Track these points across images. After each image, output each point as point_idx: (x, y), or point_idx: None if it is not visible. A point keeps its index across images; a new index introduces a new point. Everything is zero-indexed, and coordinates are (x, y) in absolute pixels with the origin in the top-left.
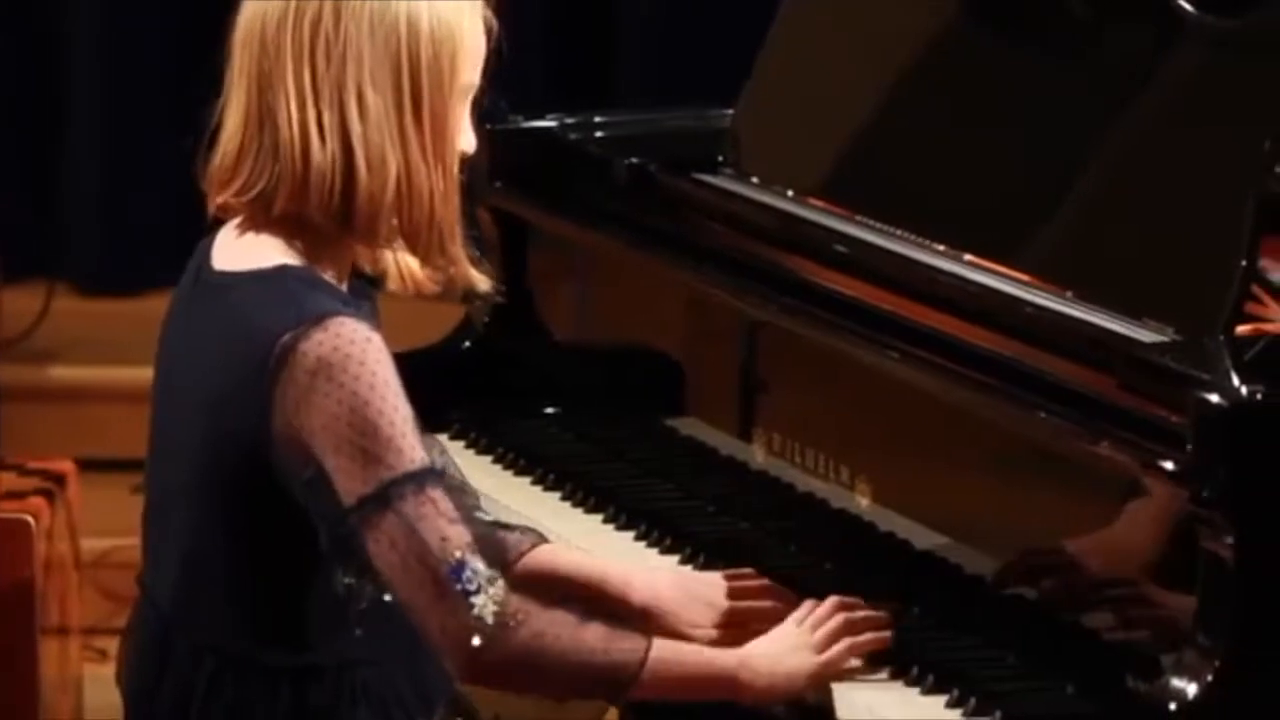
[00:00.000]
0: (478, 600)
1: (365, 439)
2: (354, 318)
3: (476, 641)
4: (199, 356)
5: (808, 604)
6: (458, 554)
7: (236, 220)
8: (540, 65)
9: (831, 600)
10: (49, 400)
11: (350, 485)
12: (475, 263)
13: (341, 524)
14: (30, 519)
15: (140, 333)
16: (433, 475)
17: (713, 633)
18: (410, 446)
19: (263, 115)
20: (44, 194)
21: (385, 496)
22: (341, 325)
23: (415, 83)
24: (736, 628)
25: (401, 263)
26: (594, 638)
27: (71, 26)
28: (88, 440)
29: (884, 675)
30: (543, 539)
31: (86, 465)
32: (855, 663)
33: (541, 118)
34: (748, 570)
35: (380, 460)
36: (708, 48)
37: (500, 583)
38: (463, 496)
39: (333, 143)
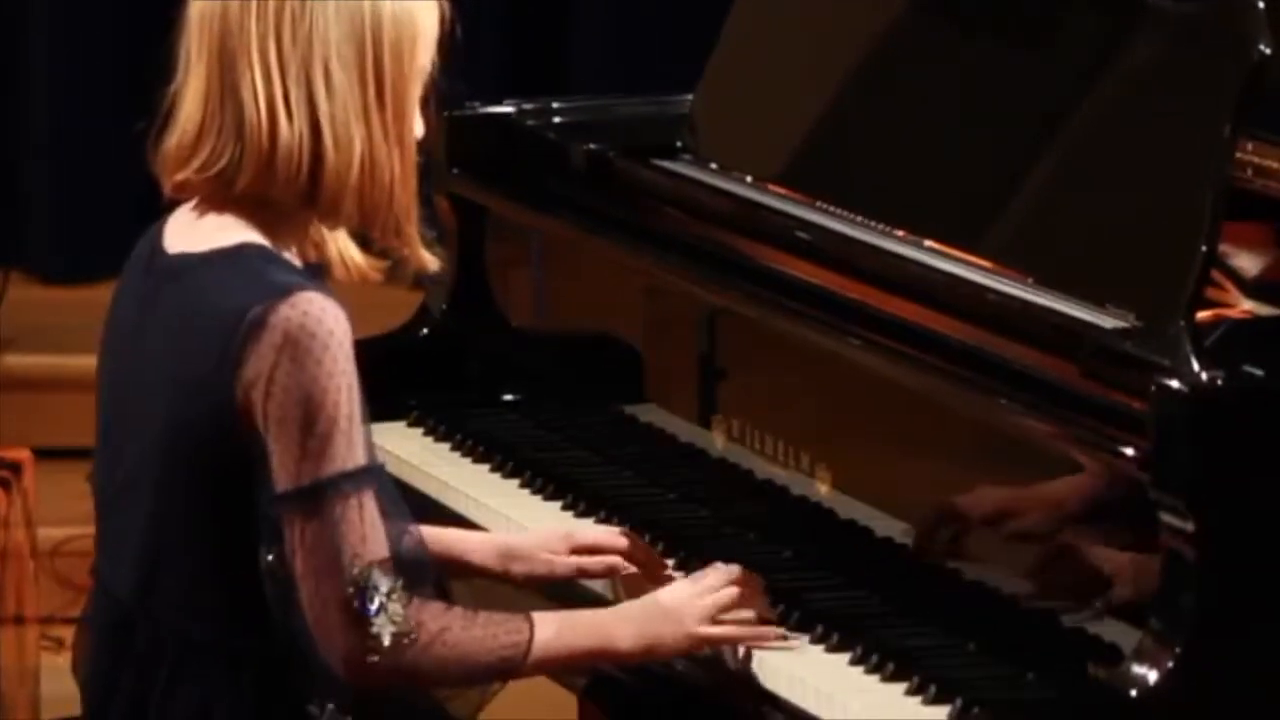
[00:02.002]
0: (377, 621)
1: (310, 432)
2: (320, 292)
3: (371, 659)
4: (157, 341)
5: (706, 570)
6: (365, 572)
7: (191, 202)
8: (497, 50)
9: (728, 572)
10: (5, 389)
11: (284, 473)
12: (428, 244)
13: (269, 508)
14: None
15: (97, 321)
16: (367, 476)
17: (572, 561)
18: (351, 444)
19: (224, 92)
20: (0, 182)
21: (313, 494)
22: (310, 301)
23: (379, 62)
24: (602, 570)
25: (345, 251)
26: (481, 634)
27: (25, 15)
28: (44, 429)
29: (844, 661)
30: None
31: (43, 454)
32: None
33: (499, 103)
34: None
35: (319, 457)
36: (665, 33)
37: (399, 599)
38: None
39: (300, 120)
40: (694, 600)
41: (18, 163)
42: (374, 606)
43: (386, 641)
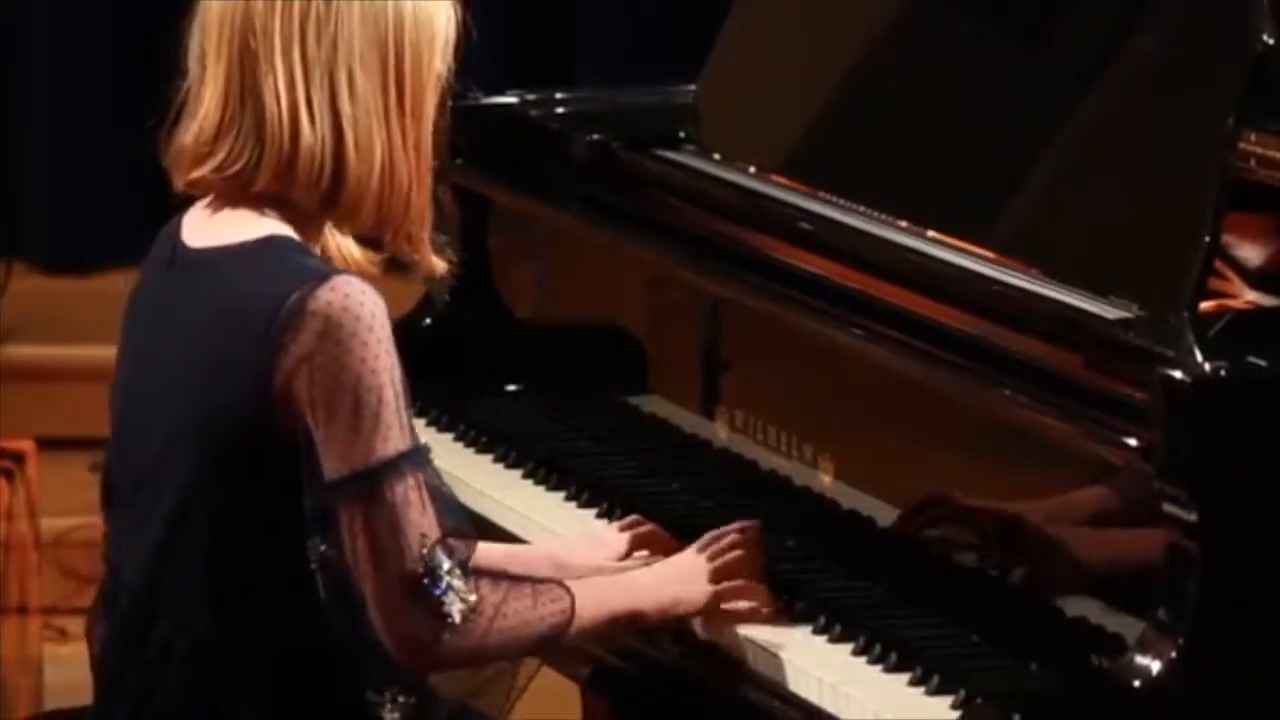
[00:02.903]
0: (447, 599)
1: (360, 415)
2: (358, 277)
3: (446, 637)
4: (184, 334)
5: (709, 535)
6: (432, 553)
7: (207, 199)
8: (501, 41)
9: (733, 536)
10: (8, 379)
11: (336, 460)
12: (438, 249)
13: (322, 496)
14: None
15: (99, 311)
16: (419, 455)
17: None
18: (402, 425)
19: (245, 93)
20: (1, 172)
21: (370, 478)
22: (349, 284)
23: (400, 65)
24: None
25: (342, 246)
26: (531, 603)
27: (26, 6)
28: (47, 419)
29: (846, 651)
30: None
31: (46, 444)
32: (751, 605)
33: (502, 94)
34: (634, 517)
35: (371, 440)
36: (669, 23)
37: (459, 575)
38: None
39: (323, 124)
40: (705, 562)
41: (19, 153)
42: (443, 585)
43: (457, 619)
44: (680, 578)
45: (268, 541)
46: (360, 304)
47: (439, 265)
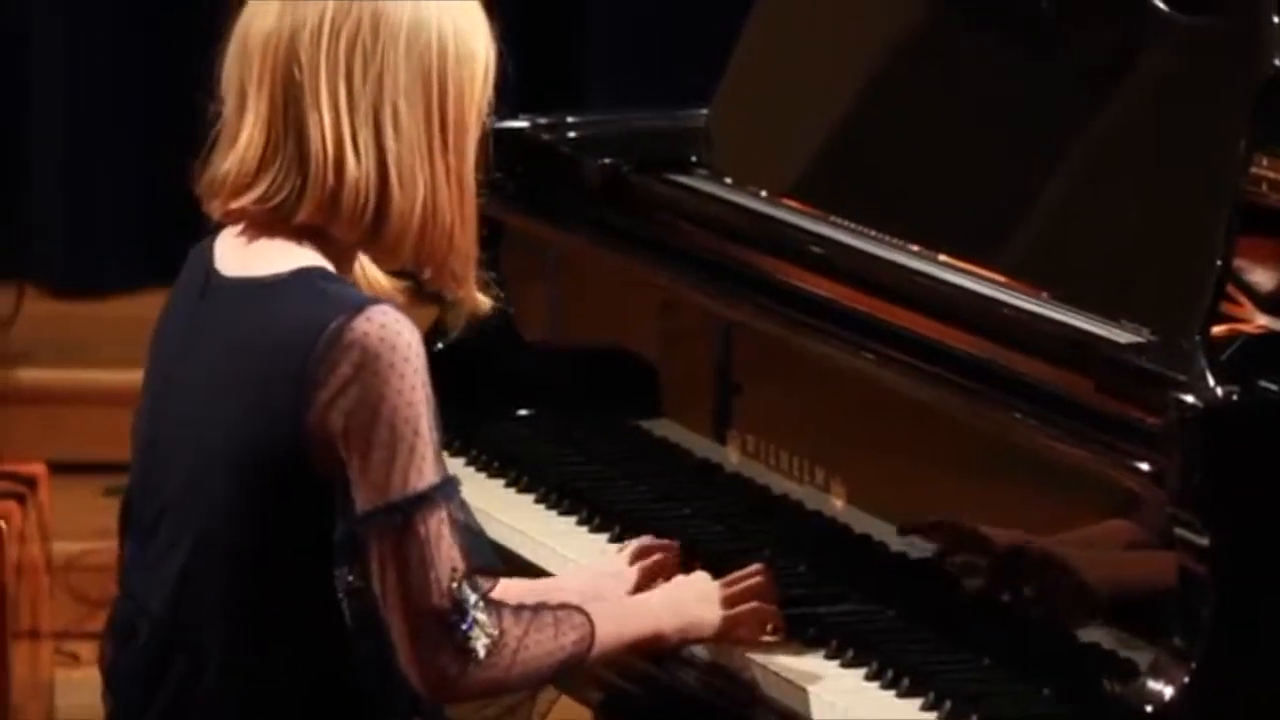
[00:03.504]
0: (473, 635)
1: (394, 448)
2: (393, 306)
3: (471, 671)
4: (216, 366)
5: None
6: (460, 587)
7: (240, 226)
8: (512, 65)
9: (754, 566)
10: (20, 403)
11: (370, 491)
12: (483, 285)
13: (354, 526)
14: (1, 522)
15: (111, 335)
16: (451, 487)
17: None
18: (434, 458)
19: (288, 126)
20: (12, 196)
21: (403, 511)
22: (385, 314)
23: (443, 102)
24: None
25: (367, 270)
26: (552, 632)
27: (35, 29)
28: (59, 443)
29: (859, 676)
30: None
31: (58, 468)
32: (768, 637)
33: (514, 118)
34: (641, 542)
35: (406, 472)
36: (680, 47)
37: (484, 609)
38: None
39: (368, 161)
40: (721, 586)
41: (31, 177)
42: (469, 620)
43: (482, 654)
44: (696, 598)
45: (296, 569)
46: (398, 334)
47: (484, 302)
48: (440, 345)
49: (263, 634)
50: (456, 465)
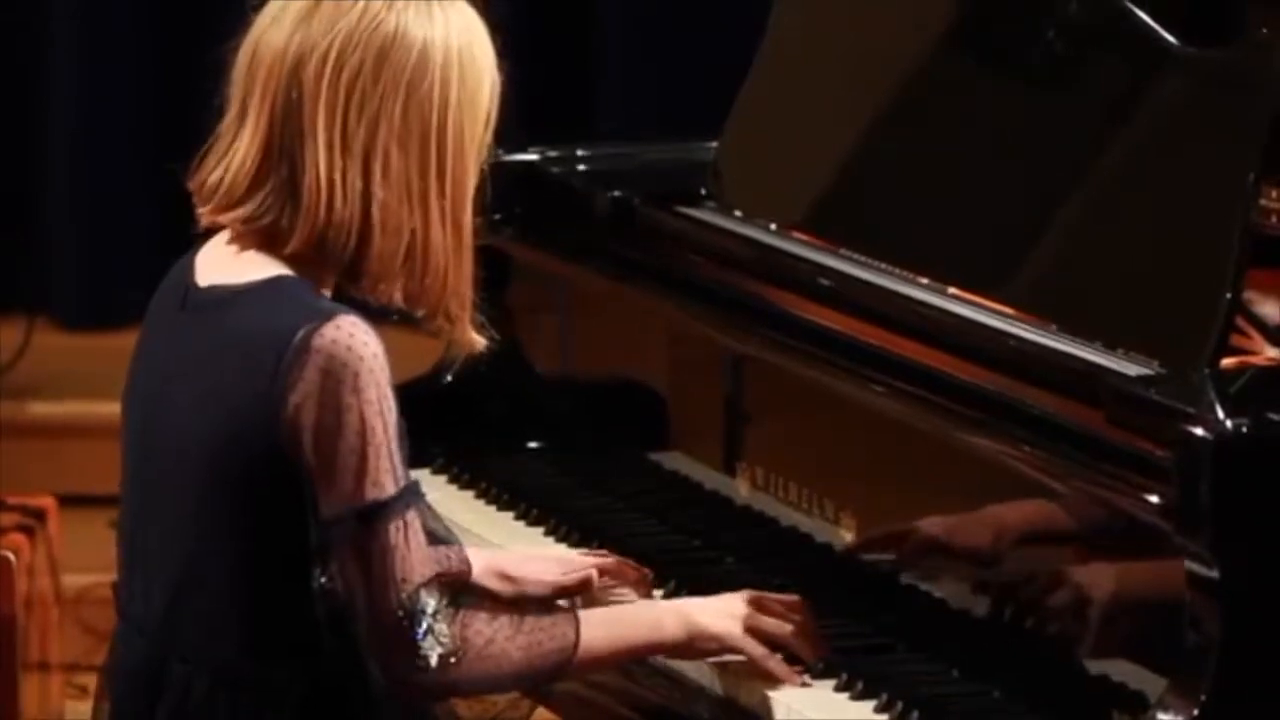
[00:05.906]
0: (425, 644)
1: (354, 456)
2: (360, 316)
3: (419, 678)
4: (194, 372)
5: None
6: (413, 596)
7: (223, 237)
8: (520, 98)
9: (791, 597)
10: (29, 435)
11: (331, 496)
12: (478, 326)
13: (320, 531)
14: (10, 555)
15: (121, 369)
16: (411, 496)
17: (561, 578)
18: (395, 466)
19: (283, 148)
20: (24, 228)
21: (360, 519)
22: (354, 325)
23: (441, 147)
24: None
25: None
26: (527, 641)
27: (48, 60)
28: (68, 476)
29: (868, 709)
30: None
31: (67, 501)
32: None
33: (523, 151)
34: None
35: (364, 481)
36: (690, 80)
37: (444, 617)
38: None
39: (353, 201)
40: (735, 599)
41: (42, 210)
42: (422, 629)
43: (434, 662)
44: (702, 609)
45: (285, 574)
46: (364, 344)
47: (477, 342)
48: (449, 378)
49: (256, 640)
50: (466, 497)
